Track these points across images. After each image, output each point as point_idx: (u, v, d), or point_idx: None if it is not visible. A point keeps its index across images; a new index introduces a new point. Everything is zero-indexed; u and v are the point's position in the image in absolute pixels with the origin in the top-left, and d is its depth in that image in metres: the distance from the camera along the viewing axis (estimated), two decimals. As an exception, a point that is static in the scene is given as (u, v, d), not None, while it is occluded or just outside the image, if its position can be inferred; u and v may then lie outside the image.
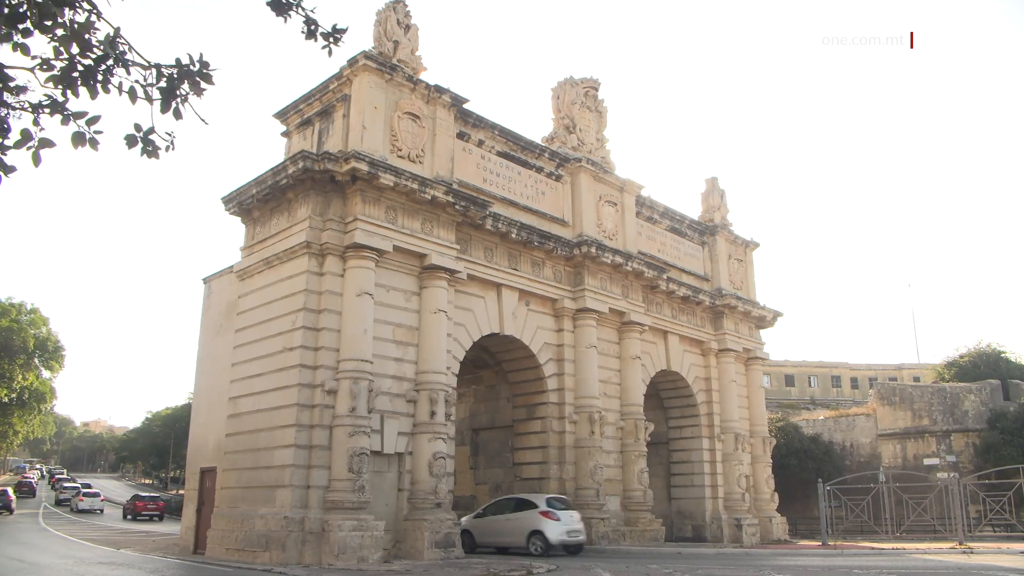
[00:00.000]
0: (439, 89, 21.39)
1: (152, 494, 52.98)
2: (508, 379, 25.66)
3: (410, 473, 19.23)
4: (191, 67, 6.17)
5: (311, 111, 21.32)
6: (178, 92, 6.22)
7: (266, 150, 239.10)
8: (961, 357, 47.23)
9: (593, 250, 24.81)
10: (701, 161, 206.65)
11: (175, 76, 6.18)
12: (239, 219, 21.64)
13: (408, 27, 21.64)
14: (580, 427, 24.01)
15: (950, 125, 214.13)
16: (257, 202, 20.45)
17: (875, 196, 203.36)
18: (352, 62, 19.98)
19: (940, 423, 39.14)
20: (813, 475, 34.63)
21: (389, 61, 20.55)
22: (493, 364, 26.01)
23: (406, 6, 21.81)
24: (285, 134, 22.35)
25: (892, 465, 38.72)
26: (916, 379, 62.45)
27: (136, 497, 48.77)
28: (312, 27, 6.56)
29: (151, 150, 6.24)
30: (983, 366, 44.29)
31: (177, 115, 6.27)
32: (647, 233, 29.81)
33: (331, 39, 6.68)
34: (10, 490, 51.00)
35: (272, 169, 19.57)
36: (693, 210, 33.73)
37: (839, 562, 19.14)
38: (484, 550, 21.33)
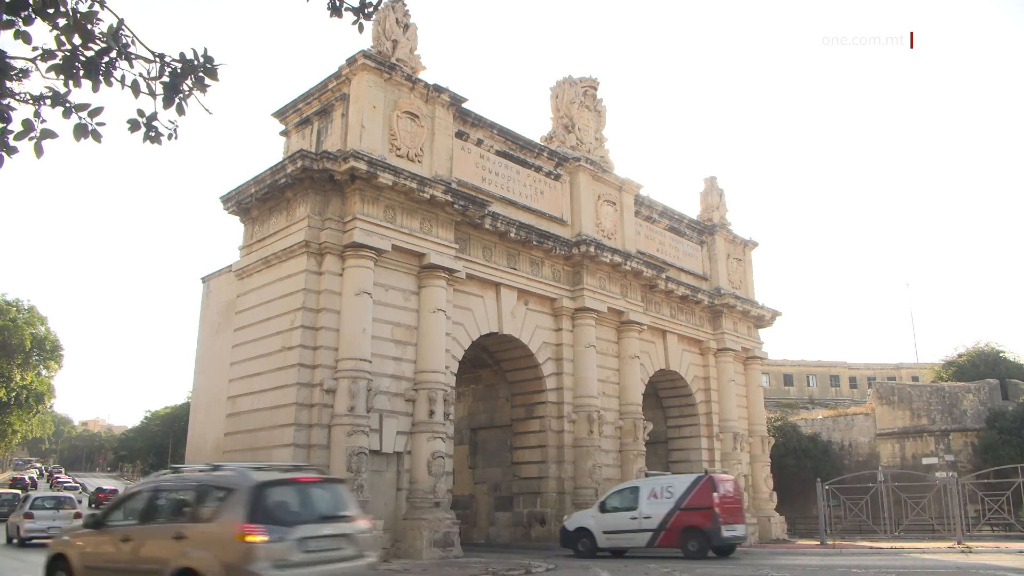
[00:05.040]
0: (438, 88, 21.36)
1: (113, 487, 58.52)
2: (507, 378, 25.64)
3: (409, 472, 19.22)
4: (195, 62, 6.04)
5: (310, 110, 21.29)
6: (181, 88, 6.10)
7: (265, 149, 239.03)
8: (960, 357, 47.19)
9: (592, 249, 24.79)
10: (700, 161, 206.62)
11: (179, 71, 6.04)
12: (238, 218, 21.60)
13: (407, 26, 21.60)
14: (579, 426, 23.99)
15: (950, 125, 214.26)
16: (256, 201, 20.44)
17: (874, 196, 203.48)
18: (351, 61, 19.95)
19: (939, 422, 39.14)
20: (812, 474, 34.63)
21: (388, 60, 20.51)
22: (492, 363, 26.00)
23: (405, 5, 21.76)
24: (284, 133, 22.32)
25: (891, 464, 38.72)
26: (915, 378, 62.43)
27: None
28: (338, 2, 6.30)
29: (154, 136, 6.09)
30: (982, 366, 44.25)
31: (180, 111, 6.16)
32: (646, 232, 29.80)
33: (360, 14, 6.41)
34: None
35: (271, 168, 19.55)
36: (692, 209, 33.78)
37: (838, 561, 19.12)
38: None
